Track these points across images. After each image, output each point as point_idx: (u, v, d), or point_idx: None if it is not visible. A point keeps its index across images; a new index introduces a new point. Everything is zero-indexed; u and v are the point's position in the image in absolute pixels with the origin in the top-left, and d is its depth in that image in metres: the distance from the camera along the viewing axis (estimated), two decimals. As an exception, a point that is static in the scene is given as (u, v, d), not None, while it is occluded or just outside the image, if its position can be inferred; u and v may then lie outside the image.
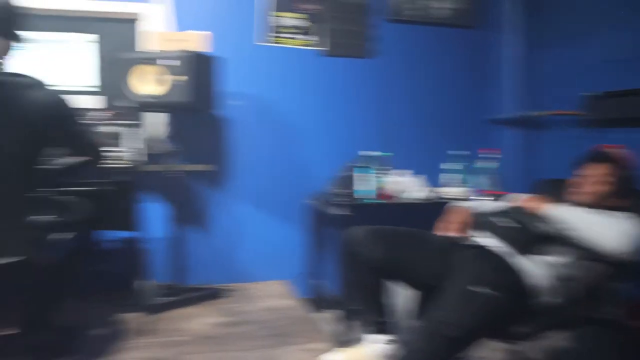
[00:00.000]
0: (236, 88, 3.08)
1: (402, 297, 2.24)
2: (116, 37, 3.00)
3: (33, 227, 1.60)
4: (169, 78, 2.51)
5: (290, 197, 3.25)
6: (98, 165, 2.00)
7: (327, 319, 2.75)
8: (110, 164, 2.29)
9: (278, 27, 3.17)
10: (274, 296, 2.98)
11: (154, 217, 2.99)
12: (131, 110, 2.68)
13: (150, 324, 2.51)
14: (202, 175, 3.14)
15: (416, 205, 2.95)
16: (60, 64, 2.74)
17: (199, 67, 2.54)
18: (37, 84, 1.68)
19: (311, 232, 3.23)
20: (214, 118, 3.12)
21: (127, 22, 3.04)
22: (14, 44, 1.85)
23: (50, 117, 1.67)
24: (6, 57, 1.82)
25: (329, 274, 3.23)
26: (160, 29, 2.96)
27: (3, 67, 1.77)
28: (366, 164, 2.92)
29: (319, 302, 3.03)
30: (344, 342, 2.20)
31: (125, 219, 2.65)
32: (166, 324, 2.55)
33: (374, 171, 2.90)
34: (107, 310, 2.72)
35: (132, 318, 2.61)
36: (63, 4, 2.91)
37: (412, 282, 2.13)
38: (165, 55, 2.54)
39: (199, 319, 2.63)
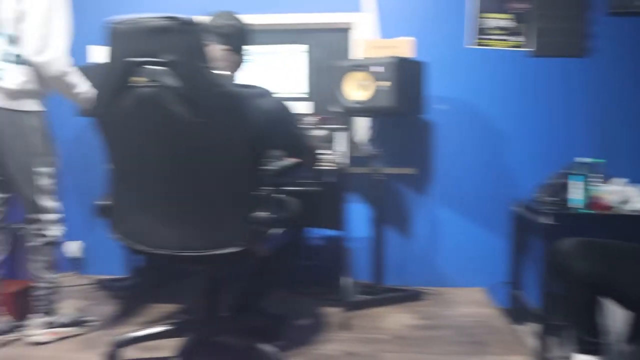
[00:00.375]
0: (441, 92, 3.09)
1: (616, 316, 2.06)
2: (325, 46, 3.19)
3: (255, 222, 1.78)
4: (375, 84, 2.62)
5: (492, 202, 3.15)
6: (313, 167, 2.16)
7: (527, 331, 2.63)
8: (320, 166, 2.45)
9: (484, 28, 3.10)
10: (471, 303, 2.93)
11: (357, 217, 3.13)
12: (339, 114, 2.84)
13: (349, 319, 2.62)
14: (404, 178, 3.19)
15: (636, 218, 2.68)
16: (275, 73, 2.99)
17: (403, 72, 2.61)
18: (264, 93, 1.86)
19: (513, 239, 3.10)
20: (418, 122, 3.15)
21: (335, 32, 3.21)
22: (243, 58, 2.09)
23: (275, 123, 1.85)
24: (237, 70, 2.06)
25: (530, 284, 3.07)
26: (367, 36, 3.09)
27: (235, 79, 2.01)
28: (579, 171, 2.72)
29: (518, 313, 2.90)
30: (546, 358, 2.09)
31: (332, 218, 2.80)
32: (364, 321, 2.65)
33: (586, 179, 2.69)
34: (310, 303, 2.91)
35: (333, 312, 2.75)
36: (279, 19, 3.20)
37: (626, 302, 1.94)
38: (371, 62, 2.65)
39: (396, 319, 2.68)
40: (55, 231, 2.42)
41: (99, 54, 2.90)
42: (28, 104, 2.27)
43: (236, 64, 2.06)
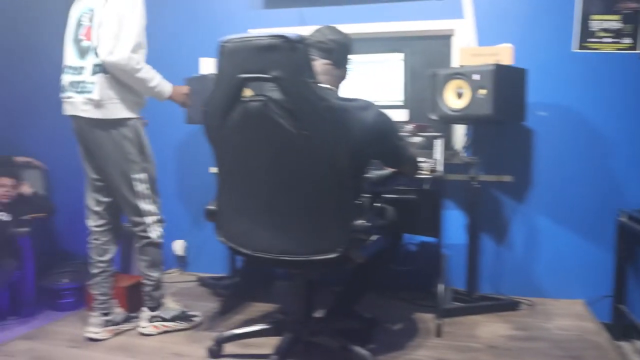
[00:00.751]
0: (542, 98, 3.02)
1: None
2: (421, 53, 3.20)
3: (353, 229, 1.84)
4: (473, 91, 2.61)
5: (595, 212, 3.03)
6: (414, 176, 2.19)
7: (631, 349, 2.53)
8: (419, 174, 2.47)
9: (590, 31, 2.99)
10: (570, 315, 2.84)
11: (453, 224, 3.12)
12: (436, 122, 2.85)
13: (443, 326, 2.62)
14: (501, 186, 3.15)
15: None
16: (371, 81, 3.03)
17: (502, 79, 2.58)
18: (367, 106, 1.91)
19: (618, 251, 2.97)
20: (517, 128, 3.09)
21: (431, 39, 3.22)
22: (346, 72, 2.16)
23: (376, 135, 1.90)
24: (340, 83, 2.13)
25: (636, 298, 2.94)
26: (465, 44, 3.07)
27: (338, 92, 2.07)
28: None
29: (622, 328, 2.79)
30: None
31: (428, 224, 2.81)
32: (457, 329, 2.64)
33: None
34: (404, 308, 2.94)
35: (426, 318, 2.77)
36: (376, 28, 3.25)
37: None
38: (468, 70, 2.65)
39: (490, 328, 2.65)
40: (154, 232, 2.58)
41: (208, 66, 3.06)
42: (118, 112, 2.43)
43: (339, 78, 2.12)
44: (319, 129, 1.73)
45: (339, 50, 2.09)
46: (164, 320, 2.62)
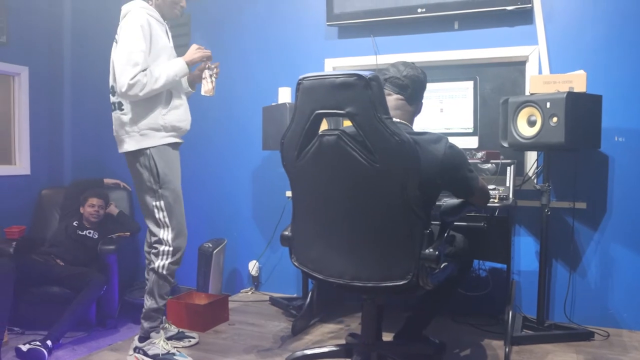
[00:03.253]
0: (617, 123, 2.99)
1: None
2: (491, 80, 3.25)
3: (423, 258, 1.90)
4: (545, 119, 2.63)
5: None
6: (484, 206, 2.22)
7: None
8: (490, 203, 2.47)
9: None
10: (648, 348, 2.77)
11: (524, 250, 3.11)
12: (507, 149, 2.87)
13: (512, 354, 2.62)
14: (574, 213, 3.11)
15: None
16: (442, 109, 3.09)
17: (574, 106, 2.58)
18: (437, 139, 1.98)
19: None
20: (591, 155, 3.07)
21: (502, 66, 3.25)
22: (419, 107, 2.23)
23: (447, 167, 1.96)
24: (413, 118, 2.20)
25: None
26: (537, 70, 3.09)
27: (411, 127, 2.15)
28: None
29: None
30: None
31: (498, 251, 2.81)
32: (527, 357, 2.63)
33: None
34: (473, 333, 2.95)
35: (495, 345, 2.77)
36: (449, 56, 3.32)
37: None
38: (540, 97, 2.67)
39: (561, 358, 2.62)
40: (158, 261, 2.60)
41: (285, 95, 3.22)
42: (132, 144, 2.54)
43: (412, 113, 2.19)
44: (391, 162, 1.81)
45: (413, 87, 2.15)
46: (145, 355, 2.62)
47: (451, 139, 2.04)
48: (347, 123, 1.89)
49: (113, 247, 3.47)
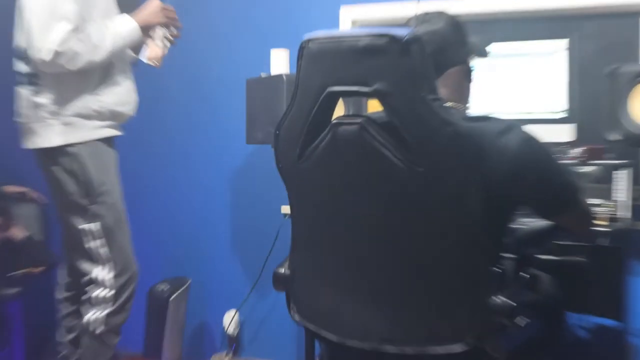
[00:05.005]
0: None
1: None
2: (596, 40, 3.25)
3: (490, 309, 1.87)
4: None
5: None
6: (585, 231, 2.17)
7: None
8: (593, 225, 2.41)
9: None
10: None
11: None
12: (619, 144, 2.88)
13: None
14: None
15: None
16: (516, 84, 3.10)
17: None
18: (509, 128, 1.92)
19: None
20: None
21: (611, 19, 3.25)
22: (471, 76, 2.22)
23: (523, 169, 1.90)
24: (467, 97, 2.20)
25: None
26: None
27: (467, 110, 2.13)
28: None
29: None
30: None
31: (606, 300, 2.81)
32: None
33: None
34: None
35: None
36: (525, 3, 3.30)
37: None
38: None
39: None
40: (93, 315, 2.62)
41: (281, 63, 3.22)
42: (48, 138, 2.51)
43: (464, 87, 2.19)
44: (441, 164, 1.79)
45: (460, 49, 2.15)
46: None
47: (530, 128, 1.97)
48: (373, 107, 1.88)
49: (15, 290, 3.45)
